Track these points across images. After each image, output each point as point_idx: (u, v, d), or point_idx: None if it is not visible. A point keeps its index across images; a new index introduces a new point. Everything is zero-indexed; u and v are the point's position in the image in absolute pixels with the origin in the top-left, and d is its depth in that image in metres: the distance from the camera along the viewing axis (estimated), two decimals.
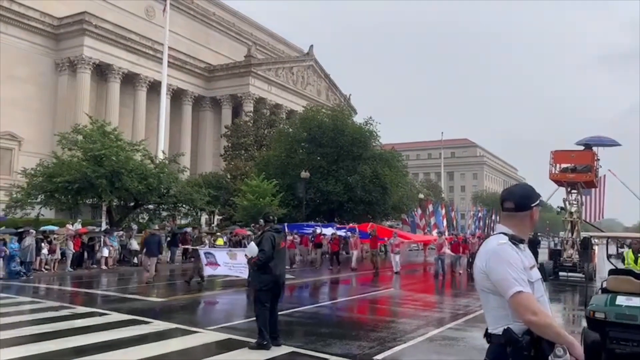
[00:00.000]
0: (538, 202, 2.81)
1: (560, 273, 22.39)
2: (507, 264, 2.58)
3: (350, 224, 29.54)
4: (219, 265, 16.69)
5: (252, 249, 8.17)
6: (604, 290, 9.34)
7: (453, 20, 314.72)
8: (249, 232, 28.28)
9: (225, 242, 25.83)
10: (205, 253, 17.30)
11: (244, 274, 15.60)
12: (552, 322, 2.52)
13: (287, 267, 24.35)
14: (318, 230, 27.69)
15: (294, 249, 25.69)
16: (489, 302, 2.71)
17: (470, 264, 24.31)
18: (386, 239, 27.38)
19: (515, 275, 2.55)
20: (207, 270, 16.98)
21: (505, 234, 2.74)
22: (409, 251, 37.92)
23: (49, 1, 46.21)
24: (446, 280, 21.40)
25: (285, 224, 28.38)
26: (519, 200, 2.79)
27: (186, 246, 23.47)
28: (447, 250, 22.83)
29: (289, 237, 25.99)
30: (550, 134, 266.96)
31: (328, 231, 27.90)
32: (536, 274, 2.71)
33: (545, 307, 2.65)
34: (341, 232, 28.44)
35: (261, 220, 16.63)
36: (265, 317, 7.98)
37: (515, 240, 2.70)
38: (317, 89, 67.44)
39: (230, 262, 16.49)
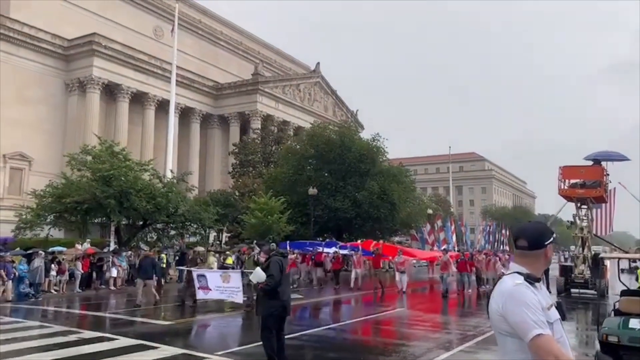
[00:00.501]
0: (552, 239, 2.76)
1: (572, 290, 22.15)
2: (524, 305, 2.52)
3: (353, 242, 28.82)
4: (210, 289, 16.10)
5: (259, 274, 7.94)
6: (617, 312, 9.21)
7: (460, 32, 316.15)
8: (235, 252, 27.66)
9: (233, 261, 25.71)
10: (197, 275, 16.70)
11: (237, 297, 15.37)
12: None
13: (293, 285, 24.33)
14: (320, 249, 27.14)
15: (294, 268, 25.24)
16: (506, 345, 2.64)
17: (477, 282, 23.98)
18: (390, 257, 26.59)
19: (534, 317, 2.49)
20: (199, 294, 16.46)
21: (520, 273, 2.69)
22: (415, 267, 37.52)
23: (60, 23, 46.95)
24: (453, 299, 20.90)
25: (288, 242, 28.32)
26: (532, 238, 2.75)
27: (180, 267, 22.91)
28: (452, 268, 22.27)
29: (291, 256, 25.67)
30: (559, 146, 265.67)
31: (331, 250, 27.41)
32: (554, 314, 2.64)
33: (566, 348, 2.57)
34: (344, 251, 27.73)
35: (254, 246, 16.55)
36: (273, 344, 7.91)
37: (531, 280, 2.64)
38: (324, 105, 67.69)
39: (222, 286, 15.86)
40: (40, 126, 43.32)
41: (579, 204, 22.77)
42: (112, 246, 28.71)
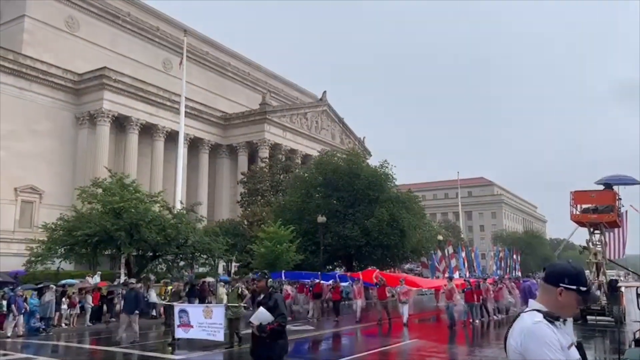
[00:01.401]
0: (573, 287, 2.65)
1: (588, 317, 21.72)
2: (544, 344, 2.48)
3: (352, 273, 27.66)
4: (192, 326, 15.11)
5: (264, 315, 7.14)
6: (638, 342, 9.01)
7: (467, 55, 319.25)
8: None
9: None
10: (179, 311, 15.72)
11: (218, 335, 14.46)
12: None
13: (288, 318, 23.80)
14: (316, 280, 25.93)
15: (289, 300, 24.15)
16: None
17: (486, 312, 23.21)
18: (389, 288, 24.50)
19: (553, 357, 2.45)
20: (179, 332, 15.45)
21: (539, 311, 2.65)
22: (426, 295, 36.92)
23: (71, 58, 47.99)
24: (459, 331, 19.88)
25: (283, 272, 27.78)
26: (550, 271, 2.73)
27: (162, 302, 21.88)
28: (456, 297, 21.10)
29: (286, 287, 24.90)
30: (570, 169, 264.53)
31: (329, 281, 26.22)
32: (574, 353, 2.60)
33: None
34: (345, 283, 26.42)
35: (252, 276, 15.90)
36: None
37: (550, 318, 2.60)
38: (331, 133, 68.10)
39: (204, 322, 14.85)
40: (51, 159, 43.82)
41: (592, 229, 22.52)
42: (122, 278, 28.65)
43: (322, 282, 25.74)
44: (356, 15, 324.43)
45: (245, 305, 14.89)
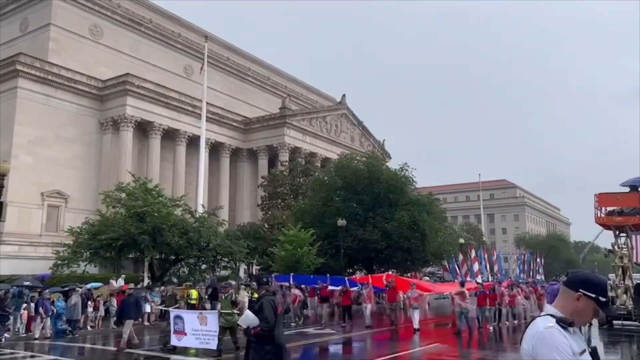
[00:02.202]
0: (592, 295, 2.68)
1: (615, 321, 21.34)
2: (555, 350, 2.51)
3: (361, 277, 26.56)
4: (185, 334, 14.58)
5: (249, 318, 7.12)
6: None
7: (488, 57, 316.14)
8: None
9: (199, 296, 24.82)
10: (175, 317, 15.11)
11: (211, 344, 13.91)
12: None
13: (298, 322, 23.25)
14: (324, 284, 25.32)
15: (297, 304, 23.84)
16: None
17: (499, 317, 22.50)
18: (400, 293, 23.59)
19: None
20: (173, 340, 14.91)
21: (553, 315, 2.68)
22: (442, 300, 36.11)
23: (95, 65, 49.00)
24: (469, 337, 18.88)
25: (291, 275, 27.65)
26: (572, 277, 2.77)
27: (159, 306, 21.32)
28: (461, 302, 19.60)
29: (294, 291, 24.15)
30: (596, 170, 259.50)
31: (338, 287, 25.16)
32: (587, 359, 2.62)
33: None
34: (354, 288, 25.45)
35: (253, 284, 15.43)
36: None
37: (563, 324, 2.62)
38: (350, 136, 68.11)
39: (199, 329, 14.30)
40: (76, 164, 44.72)
41: (617, 232, 22.13)
42: (146, 281, 29.11)
43: (330, 286, 25.19)
44: (376, 18, 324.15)
45: (238, 312, 13.96)
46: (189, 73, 59.31)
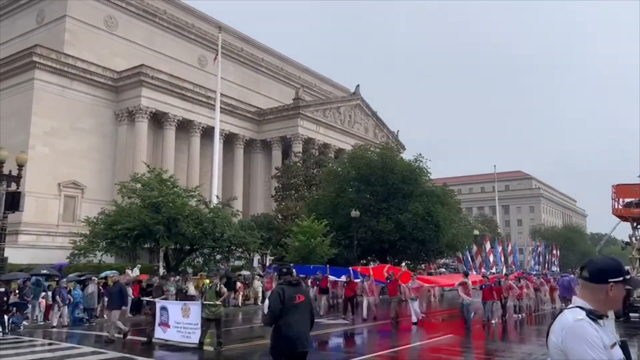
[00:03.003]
0: (621, 279, 2.66)
1: (631, 314, 21.12)
2: (586, 343, 2.46)
3: (362, 269, 25.44)
4: (169, 326, 14.06)
5: (266, 305, 7.30)
6: None
7: (505, 46, 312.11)
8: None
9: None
10: (161, 308, 14.54)
11: (193, 337, 13.38)
12: None
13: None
14: (324, 274, 24.80)
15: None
16: None
17: (504, 311, 21.65)
18: (402, 285, 22.52)
19: (595, 356, 2.43)
20: (158, 332, 14.42)
21: (582, 308, 2.62)
22: (450, 291, 35.42)
23: (110, 56, 49.30)
24: (474, 330, 17.94)
25: (290, 265, 27.36)
26: (595, 271, 2.69)
27: (145, 298, 20.44)
28: (462, 294, 19.02)
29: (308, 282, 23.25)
30: (611, 162, 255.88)
31: (342, 277, 24.70)
32: (618, 353, 2.55)
33: None
34: (357, 280, 24.26)
35: (221, 269, 14.55)
36: None
37: (594, 316, 2.57)
38: (364, 127, 67.87)
39: (182, 322, 13.76)
40: (92, 155, 45.18)
41: (635, 224, 21.85)
42: (161, 271, 29.40)
43: (330, 276, 24.74)
44: (392, 8, 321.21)
45: (219, 303, 13.50)
46: (202, 64, 59.43)
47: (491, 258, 36.64)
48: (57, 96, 43.12)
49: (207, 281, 23.87)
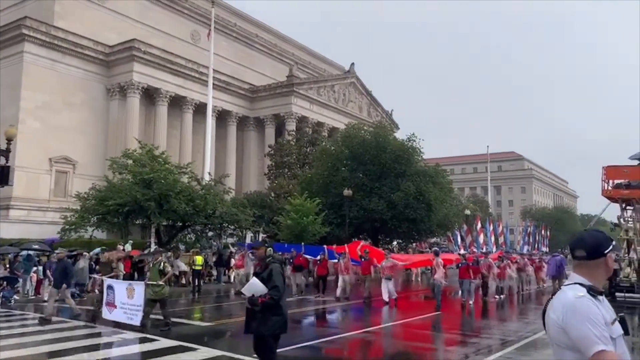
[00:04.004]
0: (612, 247, 2.69)
1: (617, 294, 21.45)
2: (587, 319, 2.45)
3: (337, 247, 24.54)
4: (115, 307, 13.30)
5: (257, 286, 6.57)
6: None
7: (498, 27, 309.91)
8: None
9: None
10: (107, 287, 13.77)
11: (136, 319, 12.53)
12: None
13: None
14: (296, 251, 24.26)
15: None
16: (564, 358, 2.59)
17: (485, 291, 21.16)
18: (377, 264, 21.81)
19: (597, 333, 2.42)
20: (105, 312, 13.60)
21: (582, 285, 2.61)
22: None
23: (101, 30, 48.46)
24: (449, 311, 17.45)
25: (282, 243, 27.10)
26: (591, 248, 2.68)
27: (92, 275, 19.66)
28: (437, 276, 18.19)
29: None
30: (603, 145, 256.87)
31: (317, 256, 23.76)
32: (617, 329, 2.56)
33: None
34: (334, 260, 23.62)
35: (159, 250, 13.59)
36: None
37: (594, 292, 2.57)
38: (358, 106, 67.57)
39: (127, 303, 12.97)
40: (84, 130, 44.79)
41: (624, 205, 22.05)
42: (153, 247, 29.46)
43: (305, 254, 24.18)
44: None
45: (162, 283, 12.75)
46: (195, 39, 58.65)
47: (481, 238, 36.90)
48: (47, 70, 42.51)
49: (199, 258, 24.05)
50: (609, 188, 21.90)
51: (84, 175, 41.95)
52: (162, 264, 13.07)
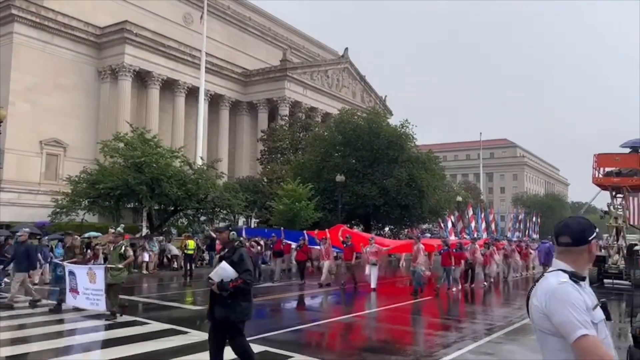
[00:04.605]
0: (595, 235, 2.72)
1: (605, 280, 21.70)
2: (569, 305, 2.48)
3: (319, 232, 23.35)
4: (78, 292, 12.75)
5: (227, 270, 6.23)
6: None
7: (493, 14, 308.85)
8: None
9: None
10: (69, 272, 13.14)
11: (101, 304, 12.01)
12: None
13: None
14: (276, 236, 23.72)
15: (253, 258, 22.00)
16: (548, 344, 2.62)
17: (471, 277, 20.53)
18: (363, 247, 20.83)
19: (579, 318, 2.45)
20: (69, 299, 13.03)
21: (564, 271, 2.64)
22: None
23: (92, 11, 47.74)
24: (421, 296, 16.80)
25: (244, 228, 27.21)
26: (575, 234, 2.70)
27: (56, 260, 18.05)
28: (420, 261, 17.67)
29: (246, 244, 21.41)
30: (595, 134, 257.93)
31: (296, 242, 23.09)
32: (599, 314, 2.59)
33: (610, 349, 2.54)
34: (315, 247, 23.01)
35: (120, 231, 13.15)
36: (251, 349, 6.58)
37: (576, 278, 2.60)
38: (352, 91, 67.34)
39: (90, 288, 12.41)
40: (74, 113, 44.35)
41: (614, 193, 22.21)
42: (144, 231, 29.42)
43: (286, 240, 23.66)
44: None
45: (122, 267, 12.25)
46: (188, 22, 57.94)
47: (473, 224, 37.19)
48: (38, 51, 41.94)
49: (191, 242, 24.02)
50: (600, 176, 22.03)
51: (75, 159, 41.65)
52: (123, 247, 12.47)
